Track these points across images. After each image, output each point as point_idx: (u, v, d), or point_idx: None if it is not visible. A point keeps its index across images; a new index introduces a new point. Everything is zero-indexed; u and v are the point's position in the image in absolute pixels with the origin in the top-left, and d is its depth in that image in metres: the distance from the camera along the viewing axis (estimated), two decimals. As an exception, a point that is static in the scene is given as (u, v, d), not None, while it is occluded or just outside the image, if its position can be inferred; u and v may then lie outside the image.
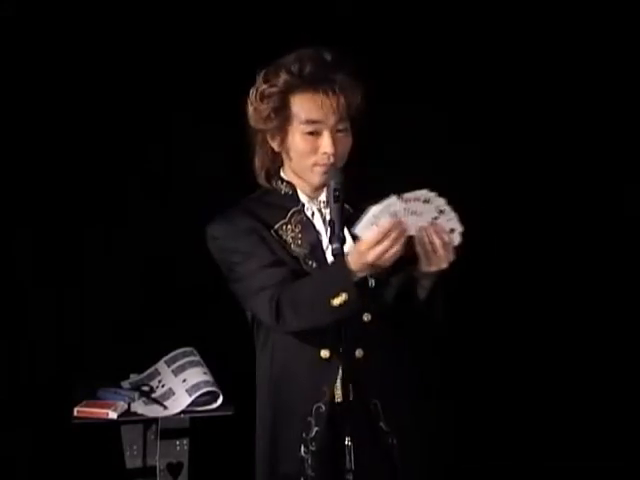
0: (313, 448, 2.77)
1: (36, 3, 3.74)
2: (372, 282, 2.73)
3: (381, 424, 2.77)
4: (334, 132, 2.74)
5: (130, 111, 3.82)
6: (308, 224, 2.83)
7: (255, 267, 2.75)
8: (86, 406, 3.39)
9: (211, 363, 3.51)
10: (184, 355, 3.54)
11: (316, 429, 2.77)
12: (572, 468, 3.99)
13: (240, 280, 2.78)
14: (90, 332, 3.80)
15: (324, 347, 2.72)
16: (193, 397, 3.38)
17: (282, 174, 2.85)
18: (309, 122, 2.74)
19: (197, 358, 3.53)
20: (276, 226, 2.82)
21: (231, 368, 3.49)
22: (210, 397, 3.40)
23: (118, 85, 3.83)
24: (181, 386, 3.43)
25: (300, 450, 2.78)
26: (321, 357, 2.73)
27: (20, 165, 3.79)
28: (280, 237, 2.81)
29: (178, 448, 3.44)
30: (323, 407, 2.76)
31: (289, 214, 2.83)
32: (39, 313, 3.80)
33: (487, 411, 4.01)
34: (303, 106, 2.74)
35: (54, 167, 3.81)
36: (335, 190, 2.71)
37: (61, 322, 3.80)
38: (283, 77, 2.73)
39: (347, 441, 2.70)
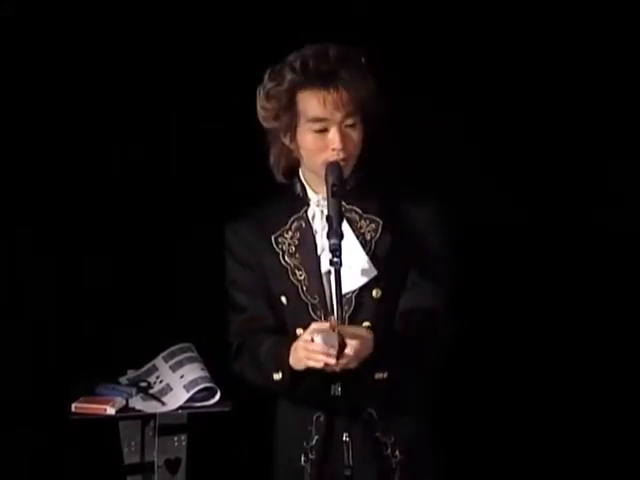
0: (313, 457, 2.79)
1: (36, 3, 3.75)
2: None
3: (377, 434, 2.78)
4: (342, 128, 2.74)
5: (129, 110, 3.83)
6: (307, 230, 2.85)
7: (232, 304, 2.90)
8: (84, 402, 3.38)
9: (209, 359, 3.51)
10: (182, 351, 3.54)
11: (316, 437, 2.80)
12: (572, 468, 3.98)
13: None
14: (88, 328, 3.80)
15: None
16: (191, 393, 3.37)
17: (300, 172, 2.87)
18: (315, 120, 2.74)
19: (195, 354, 3.53)
20: (277, 233, 2.85)
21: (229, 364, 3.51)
22: (208, 393, 3.39)
23: (119, 86, 3.83)
24: (179, 382, 3.42)
25: (301, 460, 2.81)
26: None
27: (20, 165, 3.80)
28: (277, 245, 2.84)
29: (176, 444, 3.43)
30: (322, 416, 2.79)
31: (290, 221, 2.86)
32: (37, 310, 3.80)
33: (487, 411, 4.00)
34: (308, 104, 2.74)
35: (54, 167, 3.82)
36: (333, 185, 2.72)
37: (59, 318, 3.80)
38: (288, 75, 2.74)
39: (345, 437, 2.71)
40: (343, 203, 2.77)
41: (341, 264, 2.63)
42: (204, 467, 3.64)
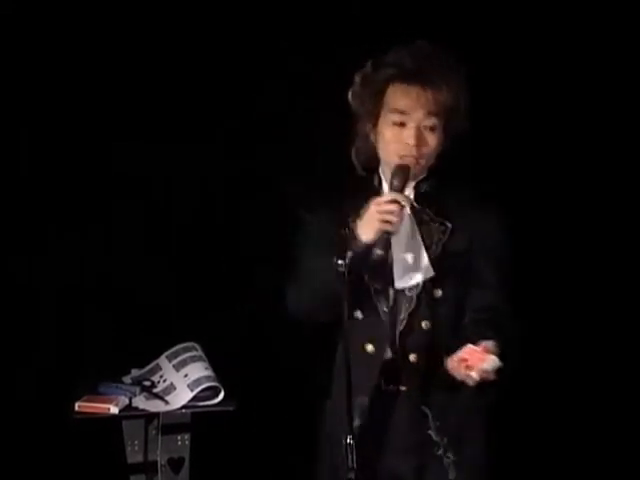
0: (352, 441, 2.75)
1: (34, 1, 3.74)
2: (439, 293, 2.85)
3: (431, 433, 2.82)
4: (420, 126, 2.82)
5: (128, 108, 3.83)
6: None
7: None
8: (87, 401, 3.39)
9: (213, 358, 3.51)
10: (185, 350, 3.54)
11: (358, 422, 2.81)
12: (572, 468, 3.99)
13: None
14: (91, 327, 3.80)
15: (369, 341, 2.82)
16: (195, 392, 3.38)
17: (380, 169, 2.93)
18: (396, 111, 2.83)
19: (199, 353, 3.53)
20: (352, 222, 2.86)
21: (233, 363, 3.51)
22: (211, 392, 3.40)
23: (118, 84, 3.83)
24: (182, 381, 3.43)
25: (345, 440, 2.80)
26: (366, 351, 2.83)
27: (19, 162, 3.80)
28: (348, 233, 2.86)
29: (179, 443, 3.44)
30: (367, 401, 2.83)
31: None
32: (40, 308, 3.80)
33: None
34: (395, 95, 2.84)
35: (52, 163, 3.81)
36: (393, 184, 2.80)
37: (62, 317, 3.80)
38: (386, 68, 2.85)
39: (349, 439, 2.72)
40: (415, 204, 2.85)
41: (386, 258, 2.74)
42: (207, 467, 3.63)
